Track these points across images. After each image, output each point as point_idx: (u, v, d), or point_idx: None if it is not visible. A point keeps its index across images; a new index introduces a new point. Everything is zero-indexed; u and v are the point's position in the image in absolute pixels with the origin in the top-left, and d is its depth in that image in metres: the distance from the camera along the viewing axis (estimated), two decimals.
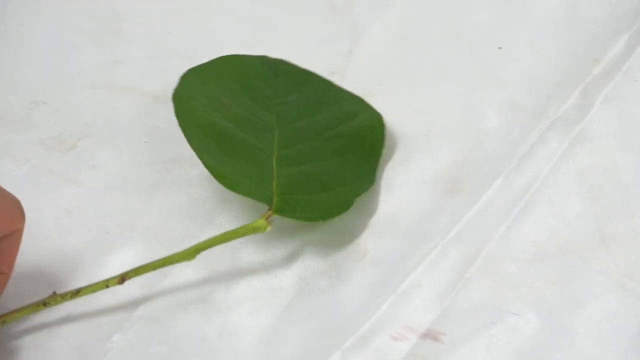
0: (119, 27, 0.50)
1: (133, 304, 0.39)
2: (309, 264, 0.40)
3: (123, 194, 0.42)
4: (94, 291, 0.36)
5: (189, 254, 0.37)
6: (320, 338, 0.38)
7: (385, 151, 0.44)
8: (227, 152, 0.41)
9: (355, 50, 0.49)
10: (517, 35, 0.50)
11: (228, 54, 0.46)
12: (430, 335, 0.37)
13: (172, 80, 0.42)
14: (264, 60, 0.47)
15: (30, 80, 0.47)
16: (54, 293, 0.36)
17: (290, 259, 0.40)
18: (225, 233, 0.38)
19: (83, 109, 0.46)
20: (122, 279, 0.35)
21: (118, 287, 0.39)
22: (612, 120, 0.45)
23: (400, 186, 0.43)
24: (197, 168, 0.43)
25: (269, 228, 0.38)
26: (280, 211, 0.39)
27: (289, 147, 0.42)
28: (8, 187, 0.42)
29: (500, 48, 0.49)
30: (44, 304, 0.36)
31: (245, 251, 0.41)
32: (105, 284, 0.36)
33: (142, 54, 0.49)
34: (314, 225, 0.41)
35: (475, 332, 0.37)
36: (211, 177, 0.39)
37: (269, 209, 0.39)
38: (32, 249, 0.40)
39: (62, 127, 0.45)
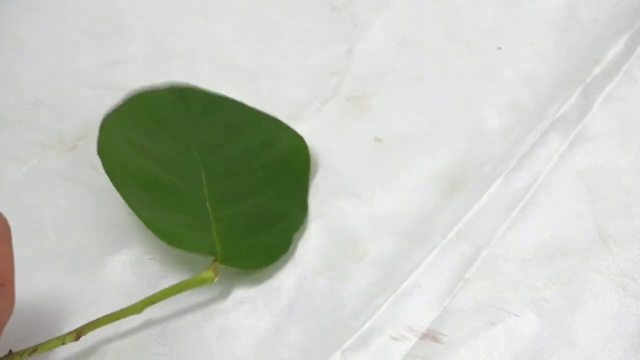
0: (119, 27, 0.50)
1: None
2: (308, 265, 0.40)
3: None
4: (51, 348, 0.35)
5: (138, 308, 0.36)
6: (320, 339, 0.38)
7: (384, 152, 0.44)
8: (163, 202, 0.39)
9: (355, 51, 0.49)
10: (517, 36, 0.50)
11: (143, 85, 0.42)
12: (430, 336, 0.37)
13: (172, 81, 0.42)
14: (171, 89, 0.43)
15: (30, 81, 0.47)
16: (10, 352, 0.35)
17: (289, 259, 0.40)
18: (173, 286, 0.37)
19: (83, 109, 0.46)
20: (77, 335, 0.35)
21: (117, 288, 0.39)
22: (612, 121, 0.45)
23: (400, 186, 0.43)
24: None
25: (216, 279, 0.38)
26: (225, 261, 0.38)
27: (219, 186, 0.41)
28: (8, 188, 0.42)
29: (500, 48, 0.49)
30: None
31: None
32: (62, 340, 0.35)
33: (142, 54, 0.49)
34: (313, 226, 0.42)
35: (475, 332, 0.37)
36: None
37: (215, 260, 0.38)
38: (31, 250, 0.40)
39: (61, 127, 0.45)
